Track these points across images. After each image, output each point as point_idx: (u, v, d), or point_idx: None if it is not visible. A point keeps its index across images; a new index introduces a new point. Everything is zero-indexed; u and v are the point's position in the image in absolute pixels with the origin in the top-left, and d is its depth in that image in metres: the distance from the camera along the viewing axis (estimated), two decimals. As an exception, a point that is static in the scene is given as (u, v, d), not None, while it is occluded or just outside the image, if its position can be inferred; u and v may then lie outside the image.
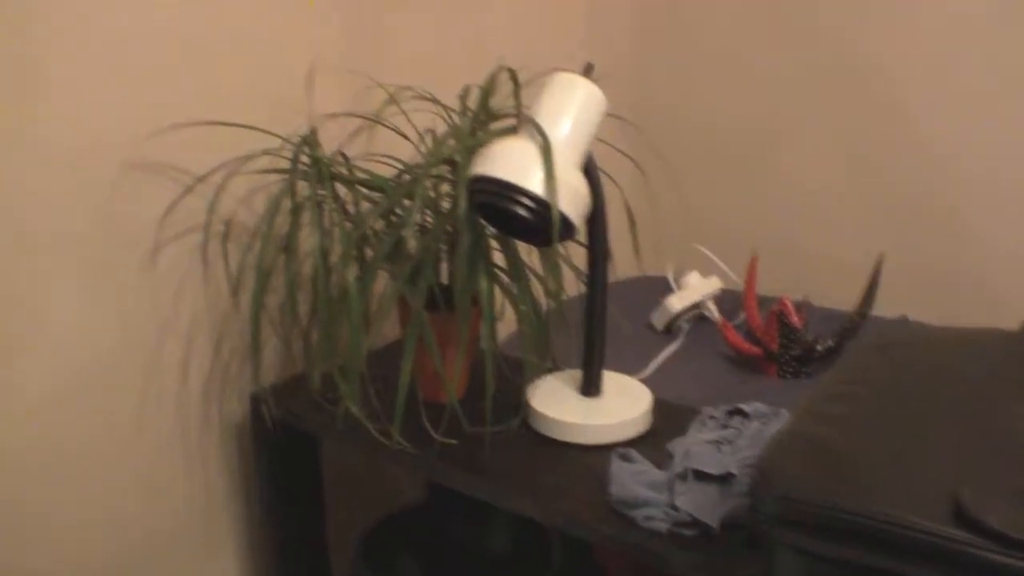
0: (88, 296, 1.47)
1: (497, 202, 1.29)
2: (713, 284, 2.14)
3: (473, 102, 1.51)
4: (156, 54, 1.47)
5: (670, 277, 2.23)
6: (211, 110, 1.55)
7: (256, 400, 1.63)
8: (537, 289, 1.49)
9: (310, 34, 1.67)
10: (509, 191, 1.28)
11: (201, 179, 1.55)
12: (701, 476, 1.33)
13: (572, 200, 1.31)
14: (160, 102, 1.49)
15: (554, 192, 1.28)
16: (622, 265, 2.19)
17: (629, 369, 1.76)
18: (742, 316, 2.08)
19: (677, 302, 2.07)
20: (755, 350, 1.90)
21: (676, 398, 1.61)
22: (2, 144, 1.34)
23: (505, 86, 1.50)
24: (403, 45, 1.84)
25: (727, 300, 2.16)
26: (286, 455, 1.69)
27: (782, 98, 2.24)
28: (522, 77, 1.49)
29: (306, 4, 1.64)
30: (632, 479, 1.34)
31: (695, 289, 2.11)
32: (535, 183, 1.28)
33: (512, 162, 1.29)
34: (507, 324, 1.82)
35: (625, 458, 1.40)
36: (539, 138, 1.31)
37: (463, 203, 1.34)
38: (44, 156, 1.38)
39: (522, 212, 1.28)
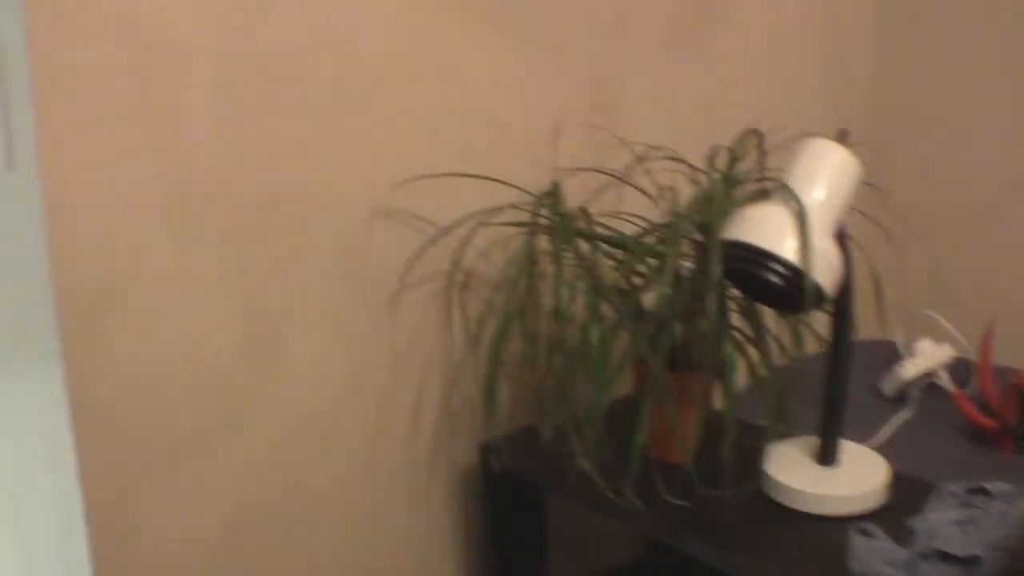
0: (328, 338, 1.52)
1: (749, 268, 1.28)
2: (945, 352, 2.07)
3: (722, 163, 1.50)
4: (406, 107, 1.52)
5: (899, 342, 2.17)
6: (457, 162, 1.59)
7: (486, 449, 1.65)
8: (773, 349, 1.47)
9: (556, 89, 1.69)
10: (762, 258, 1.27)
11: (446, 230, 1.59)
12: (945, 557, 1.29)
13: (825, 269, 1.29)
14: (408, 153, 1.53)
15: (808, 261, 1.26)
16: (849, 327, 2.14)
17: (857, 435, 1.72)
18: (975, 386, 2.01)
19: (909, 369, 2.02)
20: (990, 422, 1.83)
21: (907, 469, 1.56)
22: (264, 188, 1.40)
23: (752, 148, 1.49)
24: (644, 101, 1.84)
25: (959, 368, 2.09)
26: (512, 505, 1.71)
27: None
28: (767, 139, 1.48)
29: (553, 59, 1.67)
30: (873, 555, 1.31)
31: (928, 356, 2.05)
32: (789, 250, 1.26)
33: (766, 228, 1.28)
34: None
35: (865, 533, 1.36)
36: (793, 204, 1.29)
37: (716, 268, 1.33)
38: (299, 200, 1.44)
39: (775, 280, 1.27)
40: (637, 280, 1.51)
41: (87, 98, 1.24)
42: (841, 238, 1.36)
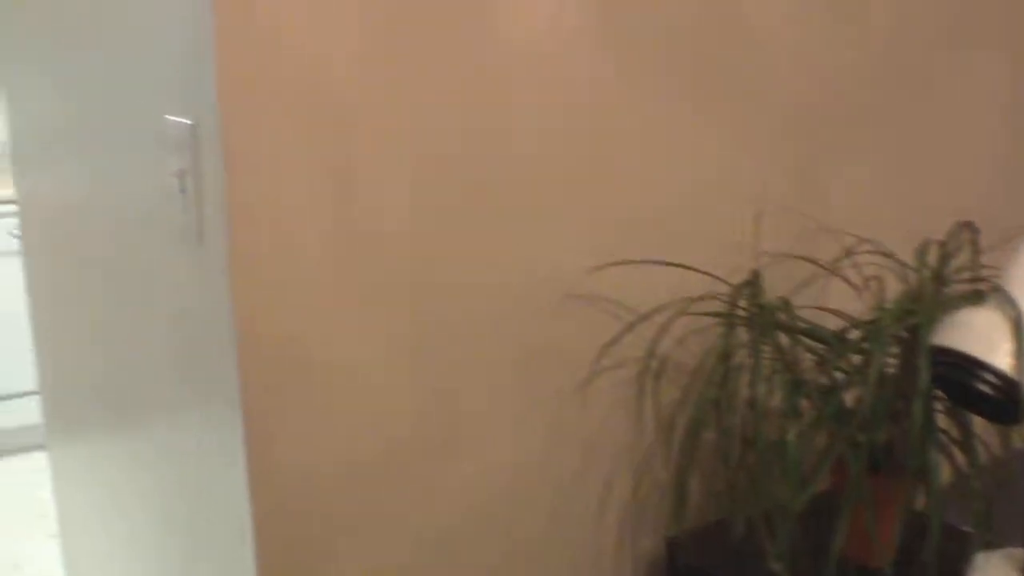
0: (514, 421, 1.51)
1: (959, 377, 1.22)
2: None
3: (932, 259, 1.44)
4: (604, 191, 1.51)
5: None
6: (654, 247, 1.57)
7: (673, 543, 1.61)
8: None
9: (759, 173, 1.66)
10: (974, 367, 1.21)
11: (644, 317, 1.57)
12: None
13: (1043, 379, 1.22)
14: (605, 239, 1.52)
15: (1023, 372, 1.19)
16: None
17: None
18: None
19: None
20: None
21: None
22: (454, 267, 1.41)
23: (965, 243, 1.43)
24: (851, 188, 1.79)
25: None
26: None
27: None
28: (982, 235, 1.41)
29: (756, 142, 1.64)
30: None
31: None
32: (1003, 360, 1.20)
33: (979, 334, 1.22)
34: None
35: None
36: (1010, 310, 1.23)
37: (924, 375, 1.27)
38: (490, 282, 1.44)
39: (987, 391, 1.20)
40: (839, 377, 1.46)
41: (278, 175, 1.27)
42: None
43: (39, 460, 4.24)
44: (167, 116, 1.36)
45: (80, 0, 1.65)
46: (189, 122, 1.31)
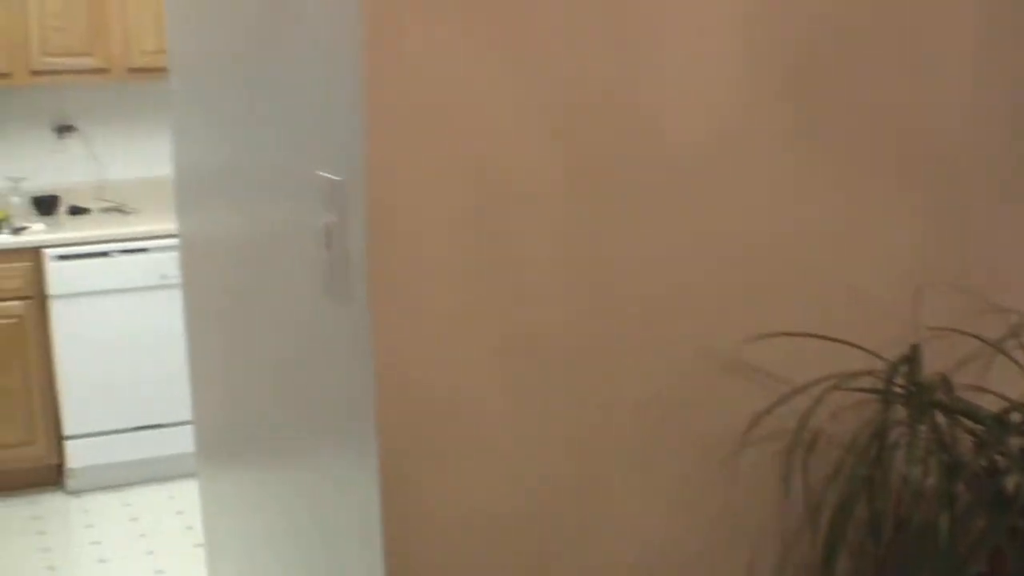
0: (660, 488, 1.49)
1: None
2: None
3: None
4: (760, 266, 1.49)
5: None
6: (810, 320, 1.54)
7: (823, 623, 1.56)
8: None
9: (918, 250, 1.61)
10: None
11: (798, 390, 1.53)
12: None
13: None
14: (761, 310, 1.50)
15: None
16: None
17: None
18: None
19: None
20: None
21: None
22: (603, 336, 1.40)
23: None
24: (1017, 264, 1.73)
25: None
26: None
27: None
28: None
29: (918, 214, 1.59)
30: None
31: None
32: None
33: None
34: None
35: None
36: None
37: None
38: (640, 350, 1.44)
39: None
40: (998, 461, 1.40)
41: (420, 233, 1.29)
42: None
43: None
44: (318, 171, 1.41)
45: (248, 56, 1.71)
46: (338, 179, 1.34)
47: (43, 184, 4.83)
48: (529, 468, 1.40)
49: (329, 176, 1.37)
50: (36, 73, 4.54)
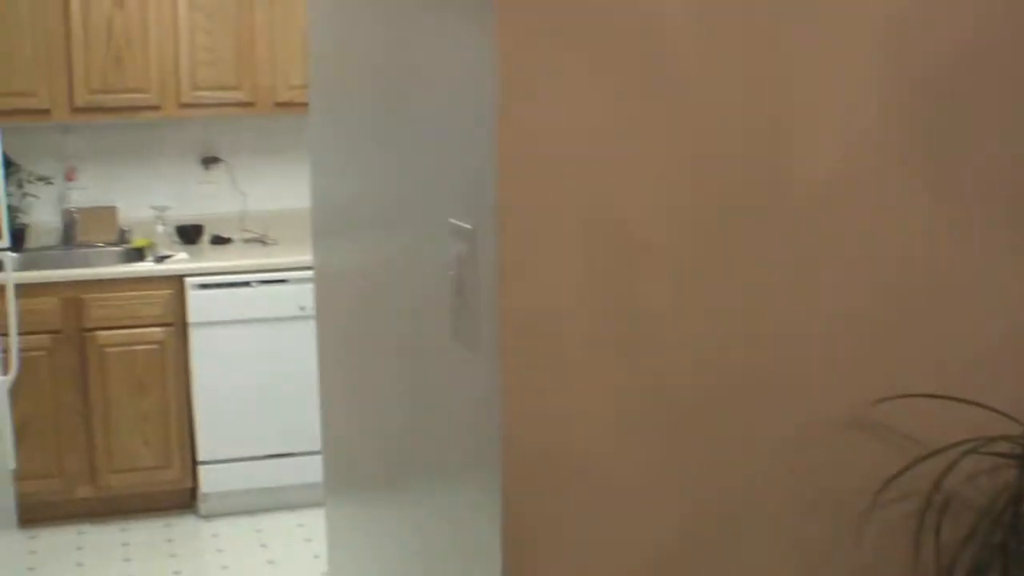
0: (788, 550, 1.47)
1: None
2: None
3: None
4: (895, 328, 1.46)
5: None
6: (950, 380, 1.50)
7: None
8: None
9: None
10: None
11: (934, 453, 1.49)
12: None
13: None
14: (897, 369, 1.47)
15: None
16: None
17: None
18: None
19: None
20: None
21: None
22: (727, 389, 1.39)
23: None
24: None
25: None
26: None
27: None
28: None
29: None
30: None
31: None
32: None
33: None
34: None
35: None
36: None
37: None
38: (765, 405, 1.42)
39: None
40: None
41: (550, 285, 1.30)
42: None
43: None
44: (451, 219, 1.42)
45: (384, 95, 1.74)
46: (468, 227, 1.36)
47: (188, 214, 4.97)
48: (656, 532, 1.39)
49: (460, 223, 1.39)
50: (185, 106, 4.69)
